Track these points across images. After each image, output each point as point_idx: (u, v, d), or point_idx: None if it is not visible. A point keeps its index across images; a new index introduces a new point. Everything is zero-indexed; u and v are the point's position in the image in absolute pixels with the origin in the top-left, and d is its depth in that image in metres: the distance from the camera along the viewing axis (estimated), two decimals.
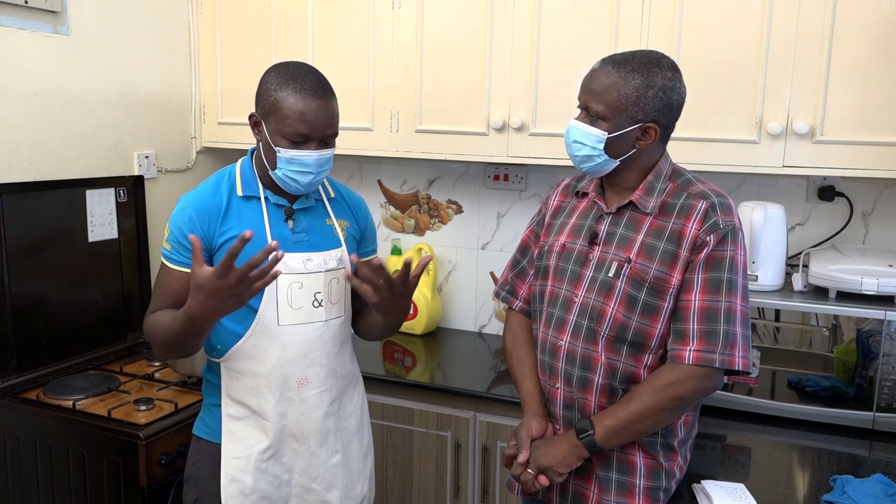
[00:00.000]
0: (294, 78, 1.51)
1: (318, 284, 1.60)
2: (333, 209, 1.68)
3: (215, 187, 1.59)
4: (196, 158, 2.81)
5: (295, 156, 1.51)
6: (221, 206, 1.57)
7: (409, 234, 2.85)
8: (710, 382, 1.44)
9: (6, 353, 2.13)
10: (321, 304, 1.60)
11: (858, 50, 1.92)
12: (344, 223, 1.68)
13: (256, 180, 1.61)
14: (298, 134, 1.50)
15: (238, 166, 1.63)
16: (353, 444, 1.73)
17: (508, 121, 2.28)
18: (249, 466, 1.59)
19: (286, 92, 1.49)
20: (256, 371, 1.57)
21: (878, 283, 1.87)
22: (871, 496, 1.49)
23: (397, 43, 2.40)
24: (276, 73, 1.53)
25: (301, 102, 1.49)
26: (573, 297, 1.53)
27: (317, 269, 1.59)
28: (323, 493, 1.66)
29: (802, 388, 1.96)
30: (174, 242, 1.55)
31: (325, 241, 1.63)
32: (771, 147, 2.02)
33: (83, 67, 2.35)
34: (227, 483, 1.60)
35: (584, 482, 1.55)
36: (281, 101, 1.50)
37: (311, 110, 1.49)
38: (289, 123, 1.49)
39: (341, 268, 1.63)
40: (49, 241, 2.23)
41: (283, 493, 1.64)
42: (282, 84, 1.51)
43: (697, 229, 1.44)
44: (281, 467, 1.62)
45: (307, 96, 1.49)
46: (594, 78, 1.48)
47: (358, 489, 1.74)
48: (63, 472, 1.99)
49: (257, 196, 1.59)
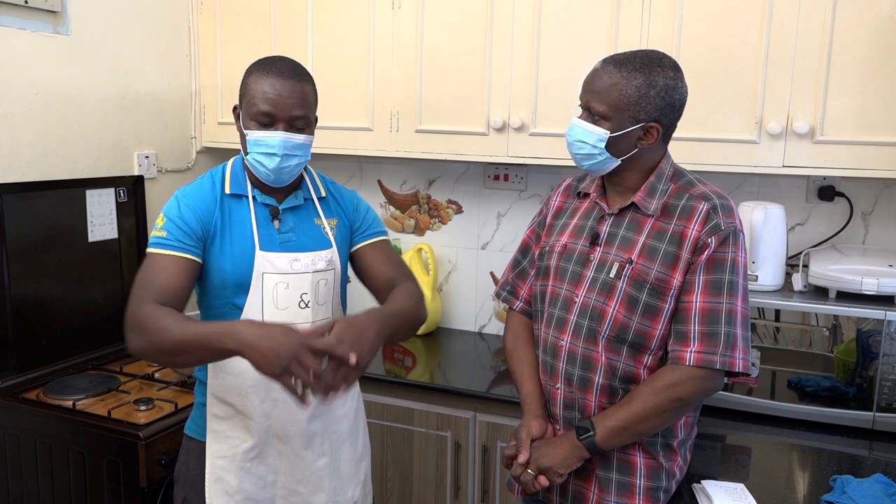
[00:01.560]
0: (265, 63, 1.54)
1: (304, 285, 1.58)
2: (323, 209, 1.66)
3: (210, 184, 1.60)
4: (196, 158, 2.81)
5: (260, 137, 1.51)
6: (216, 201, 1.57)
7: (409, 234, 2.85)
8: (710, 384, 1.44)
9: (6, 353, 2.13)
10: (308, 305, 1.58)
11: (858, 50, 1.92)
12: (333, 221, 1.66)
13: (245, 179, 1.61)
14: (262, 113, 1.50)
15: (230, 164, 1.64)
16: (344, 448, 1.69)
17: (508, 121, 2.28)
18: (234, 466, 1.58)
19: (254, 76, 1.53)
20: (241, 370, 1.53)
21: (878, 283, 1.87)
22: (871, 496, 1.49)
23: (397, 43, 2.40)
24: (254, 63, 1.57)
25: (265, 82, 1.50)
26: (574, 297, 1.53)
27: (304, 269, 1.57)
28: (308, 495, 1.64)
29: (802, 388, 1.96)
30: (170, 228, 1.51)
31: (313, 242, 1.62)
32: (771, 147, 2.02)
33: (83, 67, 2.35)
34: (212, 483, 1.59)
35: (584, 482, 1.55)
36: (249, 84, 1.53)
37: (275, 90, 1.49)
38: (254, 103, 1.51)
39: (331, 269, 1.62)
40: (49, 241, 2.23)
41: (269, 494, 1.62)
42: (253, 70, 1.54)
43: (699, 231, 1.44)
44: (266, 468, 1.61)
45: (272, 76, 1.50)
46: (596, 78, 1.47)
47: (348, 494, 1.71)
48: (63, 472, 1.99)
49: (245, 195, 1.59)
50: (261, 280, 1.54)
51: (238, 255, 1.54)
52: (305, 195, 1.65)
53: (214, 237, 1.55)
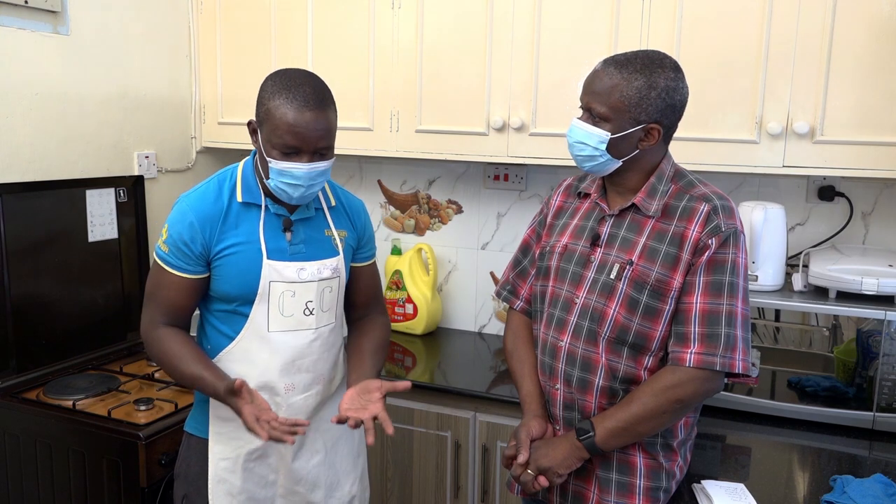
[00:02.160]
0: (288, 87, 1.45)
1: (310, 293, 1.59)
2: (333, 219, 1.66)
3: (217, 191, 1.57)
4: (196, 158, 2.81)
5: (285, 168, 1.47)
6: (222, 212, 1.55)
7: (409, 234, 2.85)
8: (710, 385, 1.44)
9: (6, 353, 2.13)
10: (312, 312, 1.59)
11: (858, 50, 1.92)
12: (343, 233, 1.66)
13: (258, 186, 1.58)
14: (288, 146, 1.46)
15: (240, 169, 1.61)
16: (340, 444, 1.72)
17: (508, 121, 2.28)
18: (237, 467, 1.59)
19: (278, 101, 1.45)
20: (246, 374, 1.55)
21: (878, 283, 1.87)
22: (871, 496, 1.49)
23: (397, 43, 2.40)
24: (273, 80, 1.49)
25: (291, 113, 1.43)
26: (574, 298, 1.53)
27: (310, 278, 1.58)
28: (307, 493, 1.66)
29: (802, 388, 1.96)
30: (172, 246, 1.53)
31: (321, 252, 1.62)
32: (771, 147, 2.02)
33: (83, 67, 2.35)
34: (215, 484, 1.60)
35: (584, 482, 1.55)
36: (273, 111, 1.45)
37: (302, 123, 1.44)
38: (279, 134, 1.45)
39: (336, 277, 1.63)
40: (49, 241, 2.23)
41: (269, 493, 1.64)
42: (275, 93, 1.46)
43: (699, 232, 1.44)
44: (267, 468, 1.63)
45: (298, 107, 1.43)
46: (596, 79, 1.47)
47: (346, 489, 1.73)
48: (63, 472, 1.99)
49: (258, 204, 1.57)
50: (268, 288, 1.55)
51: (245, 264, 1.54)
52: (316, 205, 1.64)
53: (220, 247, 1.55)
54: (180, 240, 1.52)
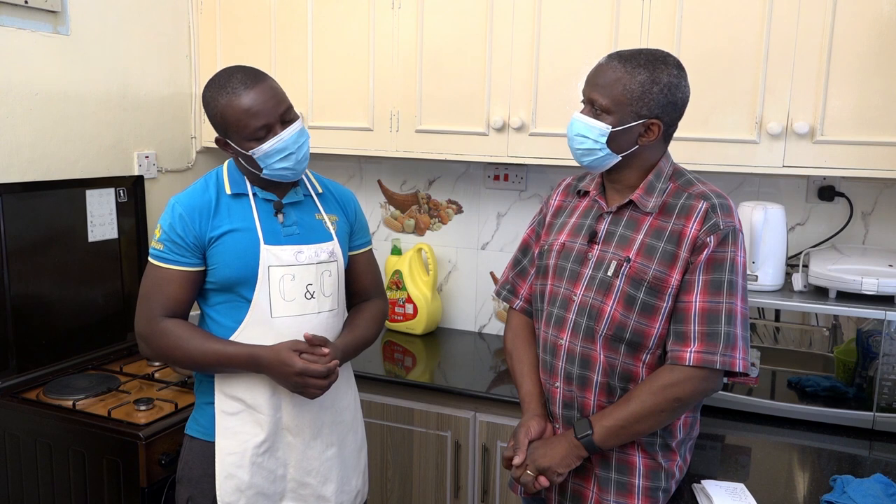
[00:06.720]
0: (223, 85, 1.54)
1: (309, 276, 1.62)
2: (322, 204, 1.71)
3: (203, 187, 1.63)
4: (196, 158, 2.81)
5: (268, 147, 1.53)
6: (211, 203, 1.60)
7: (409, 234, 2.85)
8: (709, 384, 1.44)
9: (6, 353, 2.13)
10: (313, 295, 1.63)
11: (858, 50, 1.92)
12: (333, 217, 1.71)
13: (244, 178, 1.64)
14: (257, 129, 1.52)
15: (225, 167, 1.67)
16: (349, 439, 1.74)
17: (508, 121, 2.28)
18: (245, 462, 1.60)
19: (224, 100, 1.53)
20: None
21: (878, 283, 1.87)
22: (871, 496, 1.49)
23: (397, 43, 2.40)
24: (208, 89, 1.57)
25: (239, 101, 1.51)
26: (572, 295, 1.53)
27: (308, 261, 1.62)
28: (318, 486, 1.67)
29: (802, 388, 1.96)
30: (167, 241, 1.57)
31: (315, 235, 1.66)
32: (771, 147, 2.02)
33: (83, 67, 2.35)
34: (223, 480, 1.60)
35: (584, 481, 1.55)
36: (226, 111, 1.53)
37: (253, 102, 1.51)
38: (243, 125, 1.52)
39: (333, 260, 1.66)
40: (49, 241, 2.23)
41: (279, 488, 1.64)
42: (217, 96, 1.54)
43: (698, 230, 1.44)
44: (276, 461, 1.63)
45: (243, 92, 1.51)
46: (600, 72, 1.48)
47: (353, 483, 1.75)
48: (63, 472, 1.99)
49: (246, 193, 1.62)
50: (267, 273, 1.58)
51: (242, 252, 1.58)
52: (304, 192, 1.69)
53: (215, 239, 1.58)
54: (173, 232, 1.57)
